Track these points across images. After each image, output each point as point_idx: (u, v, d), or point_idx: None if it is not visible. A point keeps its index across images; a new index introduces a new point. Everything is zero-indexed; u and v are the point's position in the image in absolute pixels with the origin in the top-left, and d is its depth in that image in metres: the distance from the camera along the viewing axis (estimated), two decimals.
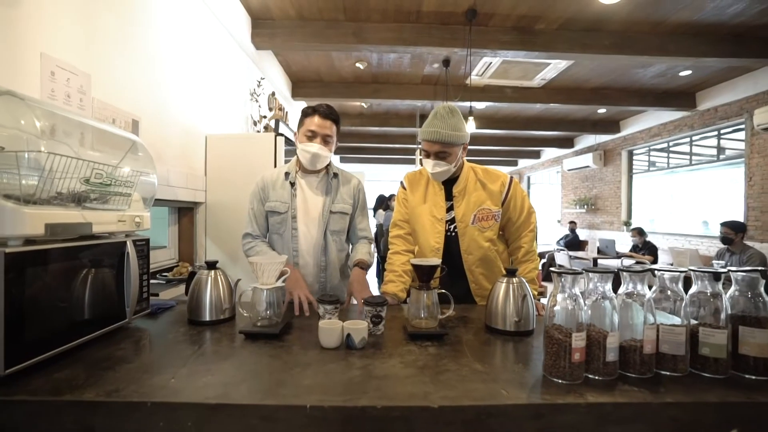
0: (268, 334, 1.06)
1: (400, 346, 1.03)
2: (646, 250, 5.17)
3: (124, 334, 1.09)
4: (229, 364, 0.89)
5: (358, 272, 1.43)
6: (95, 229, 0.98)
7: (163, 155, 2.08)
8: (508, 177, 1.52)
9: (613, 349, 0.83)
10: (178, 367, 0.86)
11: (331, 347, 0.99)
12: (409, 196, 1.58)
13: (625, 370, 0.85)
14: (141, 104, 1.87)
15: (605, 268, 0.87)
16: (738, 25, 3.26)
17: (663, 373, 0.85)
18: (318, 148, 1.45)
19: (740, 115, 4.58)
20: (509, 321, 1.14)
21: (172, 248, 2.41)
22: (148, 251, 1.22)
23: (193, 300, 1.21)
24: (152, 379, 0.80)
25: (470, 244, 1.47)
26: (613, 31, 3.41)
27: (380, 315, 1.11)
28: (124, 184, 1.10)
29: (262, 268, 1.09)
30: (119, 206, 1.11)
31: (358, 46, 3.42)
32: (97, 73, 1.56)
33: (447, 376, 0.84)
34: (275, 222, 1.52)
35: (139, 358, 0.92)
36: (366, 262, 1.48)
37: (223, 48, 2.88)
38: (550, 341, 0.84)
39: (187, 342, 1.04)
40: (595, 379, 0.83)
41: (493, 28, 3.40)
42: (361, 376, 0.83)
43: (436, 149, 1.40)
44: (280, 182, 1.54)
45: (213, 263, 1.25)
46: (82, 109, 1.46)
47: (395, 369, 0.88)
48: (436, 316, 1.14)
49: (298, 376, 0.83)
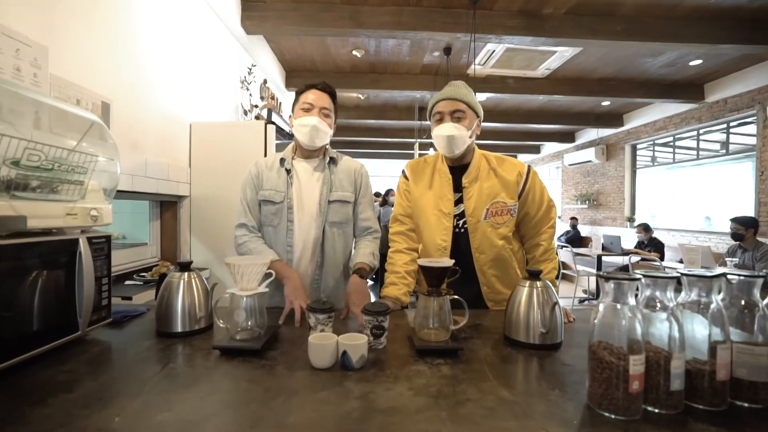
0: (248, 350, 0.88)
1: (407, 365, 0.85)
2: (652, 246, 5.03)
3: (77, 350, 0.91)
4: (196, 392, 0.71)
5: (356, 281, 1.24)
6: (32, 223, 0.79)
7: (140, 143, 1.89)
8: (526, 166, 1.34)
9: (678, 375, 0.66)
10: (130, 398, 0.68)
11: (324, 367, 0.81)
12: (411, 187, 1.39)
13: (690, 400, 0.68)
14: (113, 85, 1.68)
15: (666, 273, 0.70)
16: (758, 9, 3.09)
17: (739, 404, 0.68)
18: (317, 121, 1.30)
19: (751, 106, 4.42)
20: (534, 332, 0.97)
21: (154, 245, 2.22)
22: (109, 250, 1.03)
23: (162, 307, 1.02)
24: (91, 417, 0.62)
25: (482, 242, 1.30)
26: (624, 15, 3.23)
27: (382, 326, 0.94)
28: (75, 170, 0.92)
29: (241, 271, 0.91)
30: (70, 197, 0.92)
31: (354, 31, 3.22)
32: (58, 47, 1.36)
33: (468, 408, 0.67)
34: (269, 213, 1.35)
35: (84, 384, 0.74)
36: (367, 267, 1.30)
37: (210, 31, 2.67)
38: (598, 365, 0.67)
39: (151, 360, 0.86)
40: (654, 412, 0.66)
41: (498, 12, 3.21)
42: (361, 410, 0.66)
43: (452, 108, 1.25)
44: (276, 168, 1.38)
45: (186, 264, 1.07)
46: (37, 85, 1.26)
47: (403, 398, 0.70)
48: (447, 327, 0.97)
49: (280, 409, 0.65)
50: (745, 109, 4.50)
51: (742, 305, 0.72)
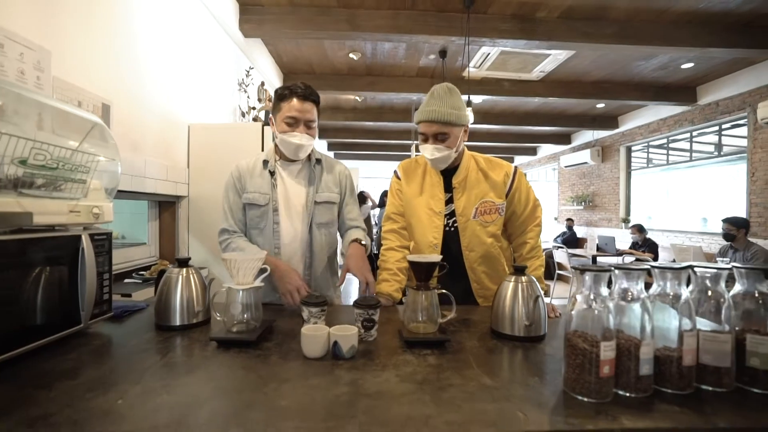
0: (243, 341, 0.92)
1: (395, 355, 0.89)
2: (646, 247, 5.08)
3: (79, 342, 0.94)
4: (193, 378, 0.75)
5: (356, 247, 1.29)
6: (38, 219, 0.83)
7: (140, 144, 1.92)
8: (513, 167, 1.39)
9: (647, 361, 0.70)
10: (131, 384, 0.72)
11: (316, 357, 0.85)
12: (404, 186, 1.44)
13: (659, 384, 0.72)
14: (113, 87, 1.72)
15: (637, 265, 0.75)
16: (746, 14, 3.15)
17: (704, 388, 0.73)
18: (301, 138, 1.30)
19: (742, 109, 4.49)
20: (518, 325, 1.01)
21: (153, 245, 2.26)
22: (110, 247, 1.07)
23: (161, 302, 1.06)
24: (95, 401, 0.65)
25: (472, 240, 1.34)
26: (616, 19, 3.29)
27: (372, 319, 0.98)
28: (78, 169, 0.96)
29: (237, 266, 0.95)
30: (73, 195, 0.96)
31: (351, 34, 3.26)
32: (59, 50, 1.40)
33: (451, 393, 0.71)
34: (254, 216, 1.37)
35: (87, 371, 0.78)
36: (361, 239, 1.34)
37: (208, 34, 2.72)
38: (572, 351, 0.71)
39: (150, 351, 0.90)
40: (626, 396, 0.70)
41: (492, 16, 3.27)
42: (349, 394, 0.70)
43: (434, 130, 1.27)
44: (258, 171, 1.38)
45: (185, 260, 1.11)
46: (40, 88, 1.30)
47: (389, 384, 0.74)
48: (435, 320, 1.01)
49: (273, 395, 0.69)
50: (737, 111, 4.57)
51: (709, 296, 0.76)
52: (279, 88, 1.34)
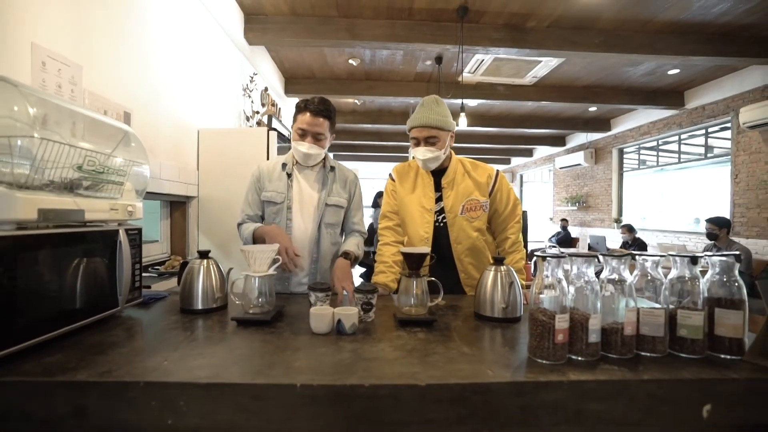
0: (259, 321, 1.07)
1: (390, 331, 1.05)
2: (636, 246, 5.25)
3: (116, 322, 1.09)
4: (221, 348, 0.90)
5: (341, 262, 1.44)
6: (87, 216, 0.98)
7: (155, 148, 2.08)
8: (495, 169, 1.56)
9: (595, 331, 0.86)
10: (170, 351, 0.87)
11: (322, 332, 1.00)
12: (398, 187, 1.60)
13: (607, 351, 0.88)
14: (132, 97, 1.87)
15: (588, 253, 0.90)
16: (725, 25, 3.33)
17: (643, 354, 0.88)
18: (308, 148, 1.47)
19: (726, 113, 4.67)
20: (497, 308, 1.17)
21: (165, 242, 2.41)
22: (140, 241, 1.23)
23: (185, 289, 1.21)
24: (144, 362, 0.81)
25: (459, 234, 1.50)
26: (602, 29, 3.46)
27: (371, 302, 1.13)
28: (117, 172, 1.11)
29: (254, 256, 1.11)
30: (112, 195, 1.11)
31: (350, 42, 3.43)
32: (89, 65, 1.55)
33: (435, 358, 0.86)
34: (271, 212, 1.54)
35: (131, 343, 0.93)
36: (352, 253, 1.48)
37: (215, 43, 2.87)
38: (534, 323, 0.87)
39: (180, 329, 1.05)
40: (578, 360, 0.86)
41: (484, 26, 3.43)
42: (351, 359, 0.85)
43: (425, 134, 1.44)
44: (277, 173, 1.55)
45: (205, 252, 1.26)
46: (74, 100, 1.45)
47: (384, 352, 0.90)
48: (425, 304, 1.17)
49: (288, 359, 0.85)
50: (721, 115, 4.75)
51: (649, 279, 0.92)
52: (300, 101, 1.49)
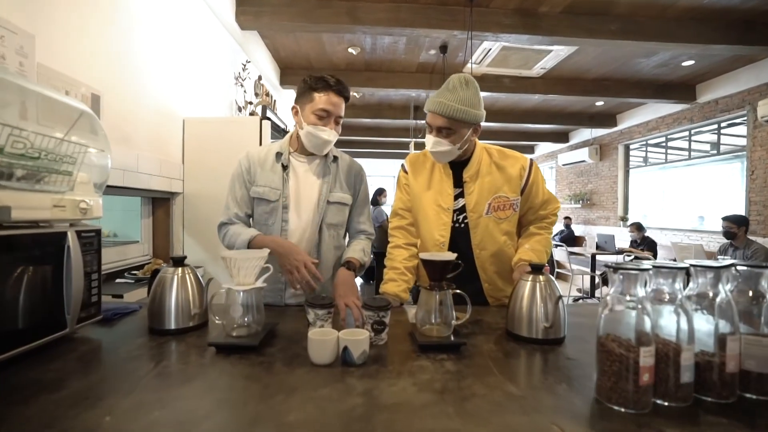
0: (244, 347, 0.85)
1: (410, 360, 0.83)
2: (645, 245, 5.07)
3: (66, 348, 0.87)
4: (190, 390, 0.68)
5: (344, 273, 1.20)
6: (17, 215, 0.76)
7: (132, 138, 1.84)
8: (528, 159, 1.32)
9: (688, 367, 0.64)
10: (120, 397, 0.65)
11: (324, 364, 0.79)
12: (411, 181, 1.37)
13: (699, 392, 0.67)
14: (104, 78, 1.63)
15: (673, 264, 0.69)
16: (748, 11, 3.13)
17: (748, 396, 0.67)
18: (330, 134, 1.23)
19: (742, 107, 4.48)
20: (537, 327, 0.95)
21: (146, 243, 2.17)
22: (99, 245, 1.00)
23: (155, 304, 0.99)
24: (78, 418, 0.58)
25: (484, 238, 1.28)
26: (619, 15, 3.24)
27: (383, 321, 0.92)
28: (63, 159, 0.88)
29: (238, 265, 0.88)
30: (57, 188, 0.89)
31: (351, 27, 3.19)
32: (45, 35, 1.32)
33: (475, 403, 0.65)
34: (263, 212, 1.28)
35: (72, 383, 0.70)
36: (356, 262, 1.26)
37: (204, 25, 2.63)
38: (607, 357, 0.65)
39: (143, 358, 0.83)
40: (664, 405, 0.64)
41: (494, 10, 3.21)
42: (364, 406, 0.64)
43: (439, 123, 1.19)
44: (270, 164, 1.29)
45: (180, 259, 1.04)
46: (23, 74, 1.22)
47: (407, 394, 0.68)
48: (449, 322, 0.95)
49: (280, 407, 0.63)
50: (736, 109, 4.56)
51: (750, 296, 0.71)
52: (310, 78, 1.24)
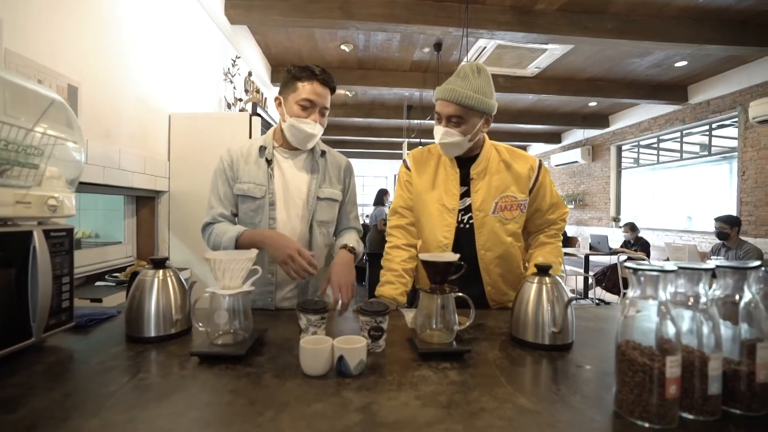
0: (230, 356, 0.78)
1: (410, 369, 0.77)
2: (639, 245, 5.08)
3: (29, 360, 0.79)
4: (168, 407, 0.61)
5: (344, 254, 1.15)
6: None
7: (114, 132, 1.75)
8: (537, 160, 1.28)
9: (716, 378, 0.59)
10: (87, 417, 0.57)
11: (317, 374, 0.72)
12: (414, 178, 1.30)
13: (726, 404, 0.61)
14: (83, 68, 1.54)
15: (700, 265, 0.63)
16: (744, 11, 3.14)
17: None
18: (314, 127, 1.16)
19: (733, 108, 4.52)
20: (544, 332, 0.90)
21: (129, 244, 2.07)
22: (71, 245, 0.91)
23: (133, 309, 0.91)
24: None
25: (489, 239, 1.22)
26: (616, 13, 3.23)
27: (381, 327, 0.85)
28: (27, 151, 0.80)
29: (223, 267, 0.81)
30: (21, 182, 0.80)
31: (344, 23, 3.12)
32: (14, 20, 1.22)
33: (485, 419, 0.59)
34: (248, 210, 1.21)
35: (33, 400, 0.62)
36: (355, 247, 1.21)
37: (191, 18, 2.54)
38: (629, 366, 0.60)
39: (117, 369, 0.75)
40: (690, 419, 0.59)
41: (490, 7, 3.17)
42: (363, 424, 0.57)
43: (449, 111, 1.13)
44: (254, 158, 1.22)
45: (161, 261, 0.96)
46: None
47: (410, 409, 0.62)
48: (452, 328, 0.89)
49: (269, 426, 0.56)
50: (727, 110, 4.60)
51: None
52: (294, 68, 1.17)
